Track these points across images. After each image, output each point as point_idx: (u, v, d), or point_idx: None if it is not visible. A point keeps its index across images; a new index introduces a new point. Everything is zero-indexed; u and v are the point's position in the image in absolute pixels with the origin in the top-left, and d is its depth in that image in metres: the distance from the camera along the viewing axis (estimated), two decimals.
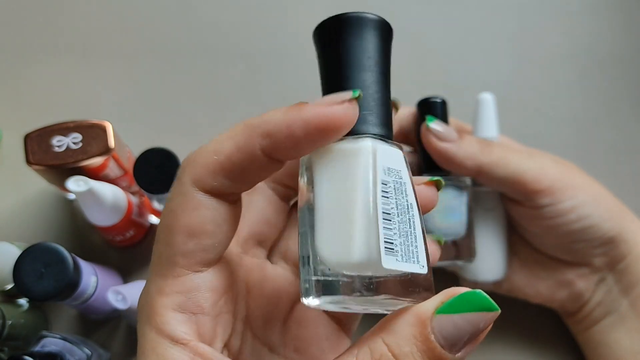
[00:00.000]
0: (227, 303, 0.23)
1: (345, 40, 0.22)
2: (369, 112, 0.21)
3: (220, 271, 0.23)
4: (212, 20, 0.53)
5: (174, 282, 0.22)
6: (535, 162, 0.38)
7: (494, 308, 0.20)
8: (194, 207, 0.21)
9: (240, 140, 0.21)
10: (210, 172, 0.21)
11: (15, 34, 0.53)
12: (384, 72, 0.22)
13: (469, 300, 0.19)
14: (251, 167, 0.21)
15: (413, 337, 0.19)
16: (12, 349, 0.41)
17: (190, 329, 0.22)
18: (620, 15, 0.54)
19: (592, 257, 0.40)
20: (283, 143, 0.20)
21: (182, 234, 0.21)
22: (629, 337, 0.39)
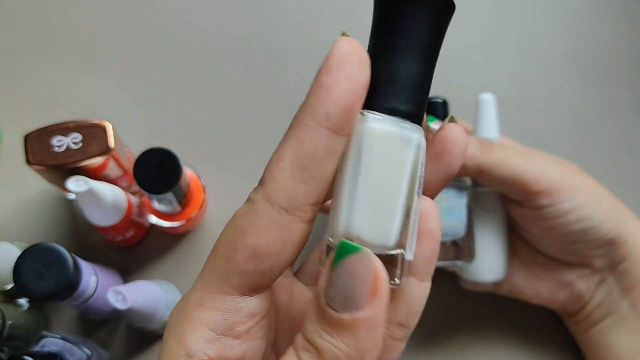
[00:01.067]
0: (261, 329, 0.22)
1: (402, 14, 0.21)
2: (416, 97, 0.21)
3: (265, 297, 0.22)
4: (212, 20, 0.53)
5: (218, 298, 0.21)
6: (535, 162, 0.38)
7: (355, 249, 0.18)
8: (265, 227, 0.20)
9: (293, 133, 0.20)
10: (281, 182, 0.20)
11: (16, 34, 0.53)
12: (431, 56, 0.21)
13: (337, 254, 0.19)
14: (317, 152, 0.20)
15: (312, 312, 0.19)
16: (12, 349, 0.41)
17: (213, 350, 0.21)
18: (620, 15, 0.54)
19: (593, 258, 0.40)
20: (329, 101, 0.20)
21: (246, 253, 0.20)
22: (629, 337, 0.39)
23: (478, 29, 0.54)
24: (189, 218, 0.44)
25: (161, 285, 0.43)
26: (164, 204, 0.42)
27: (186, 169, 0.43)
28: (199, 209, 0.44)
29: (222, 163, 0.49)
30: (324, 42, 0.55)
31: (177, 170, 0.39)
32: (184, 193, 0.42)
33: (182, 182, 0.40)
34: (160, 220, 0.44)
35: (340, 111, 0.20)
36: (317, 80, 0.20)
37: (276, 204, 0.20)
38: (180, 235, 0.48)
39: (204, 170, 0.46)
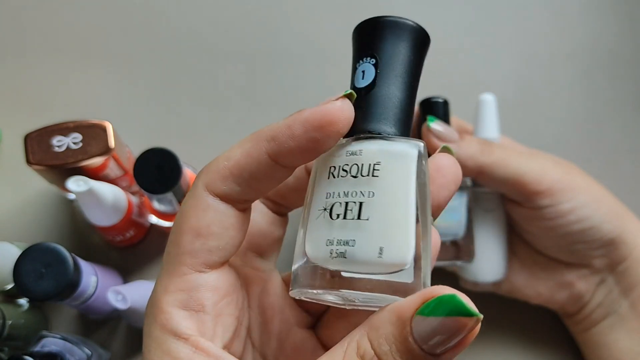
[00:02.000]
0: (228, 305, 0.24)
1: (380, 43, 0.22)
2: (401, 120, 0.22)
3: (223, 274, 0.24)
4: (212, 20, 0.53)
5: (178, 280, 0.23)
6: (535, 163, 0.38)
7: (471, 313, 0.19)
8: (203, 209, 0.23)
9: (248, 146, 0.22)
10: (221, 177, 0.22)
11: (16, 34, 0.53)
12: (413, 78, 0.22)
13: (446, 303, 0.19)
14: (259, 172, 0.22)
15: (393, 336, 0.20)
16: (12, 349, 0.41)
17: (193, 325, 0.22)
18: (620, 15, 0.54)
19: (592, 259, 0.40)
20: (286, 144, 0.21)
21: (190, 234, 0.23)
22: (628, 338, 0.39)
23: (478, 29, 0.54)
24: None
25: None
26: (164, 204, 0.42)
27: (186, 169, 0.43)
28: None
29: None
30: (324, 42, 0.55)
31: (177, 170, 0.39)
32: (184, 193, 0.42)
33: (182, 182, 0.40)
34: (160, 220, 0.44)
35: (291, 158, 0.22)
36: (292, 120, 0.21)
37: (212, 193, 0.23)
38: None
39: None
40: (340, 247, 0.20)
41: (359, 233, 0.20)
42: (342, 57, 0.53)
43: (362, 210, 0.20)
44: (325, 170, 0.22)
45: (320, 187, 0.22)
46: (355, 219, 0.20)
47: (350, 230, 0.20)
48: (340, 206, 0.21)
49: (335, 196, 0.21)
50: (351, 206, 0.20)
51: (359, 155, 0.21)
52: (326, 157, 0.22)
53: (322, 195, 0.21)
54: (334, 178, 0.21)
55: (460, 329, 0.19)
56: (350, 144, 0.21)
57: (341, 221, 0.20)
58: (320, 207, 0.21)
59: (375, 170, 0.20)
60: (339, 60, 0.52)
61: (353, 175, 0.21)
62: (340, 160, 0.21)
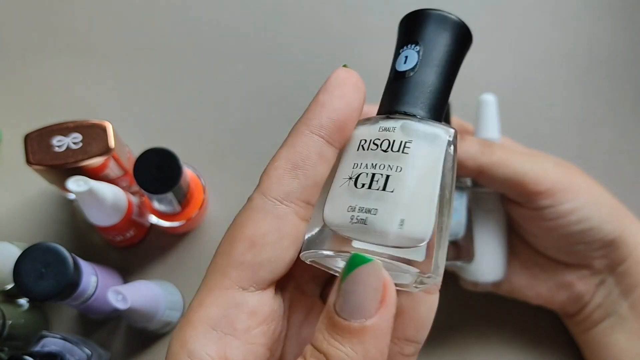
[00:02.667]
0: (263, 335, 0.22)
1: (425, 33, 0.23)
2: (435, 106, 0.23)
3: (266, 298, 0.22)
4: (212, 20, 0.53)
5: (217, 293, 0.21)
6: (536, 163, 0.38)
7: (365, 260, 0.19)
8: (261, 216, 0.21)
9: (289, 139, 0.22)
10: (275, 179, 0.22)
11: (16, 33, 0.53)
12: (452, 71, 0.24)
13: (349, 265, 0.19)
14: (309, 155, 0.22)
15: (322, 322, 0.20)
16: (12, 349, 0.41)
17: (216, 351, 0.21)
18: (620, 15, 0.54)
19: (593, 259, 0.40)
20: (321, 114, 0.22)
21: (243, 244, 0.21)
22: (628, 339, 0.39)
23: (478, 29, 0.54)
24: (189, 218, 0.44)
25: (161, 285, 0.43)
26: (164, 204, 0.42)
27: (186, 169, 0.43)
28: (199, 209, 0.44)
29: (222, 163, 0.49)
30: (324, 43, 0.55)
31: (177, 170, 0.39)
32: (184, 193, 0.42)
33: (182, 182, 0.40)
34: (160, 220, 0.44)
35: (332, 123, 0.22)
36: (314, 99, 0.22)
37: (270, 197, 0.22)
38: (180, 235, 0.48)
39: (204, 170, 0.46)
40: (361, 214, 0.20)
41: (382, 203, 0.20)
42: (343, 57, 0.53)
43: (387, 183, 0.21)
44: (355, 143, 0.22)
45: (348, 157, 0.22)
46: (380, 189, 0.21)
47: (373, 199, 0.21)
48: (366, 177, 0.21)
49: (362, 167, 0.21)
50: (377, 178, 0.21)
51: (392, 132, 0.21)
52: (358, 131, 0.22)
53: (348, 165, 0.22)
54: (364, 150, 0.22)
55: (363, 280, 0.19)
56: (384, 120, 0.22)
57: (365, 190, 0.21)
58: (345, 175, 0.22)
59: (406, 147, 0.21)
60: (339, 60, 0.52)
61: (383, 149, 0.21)
62: (372, 134, 0.22)
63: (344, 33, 0.53)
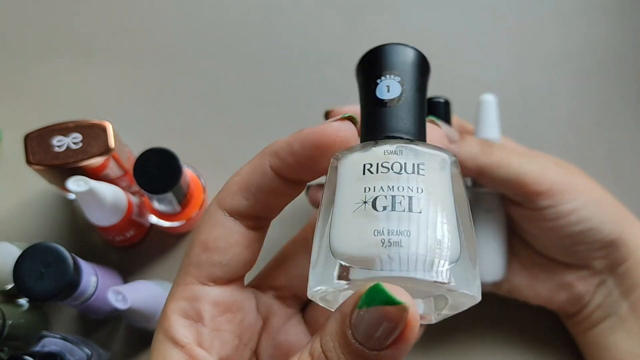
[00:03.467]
0: (229, 322, 0.25)
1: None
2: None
3: (228, 291, 0.25)
4: (212, 20, 0.53)
5: (183, 288, 0.24)
6: (536, 164, 0.38)
7: (393, 301, 0.18)
8: (212, 224, 0.24)
9: (254, 161, 0.24)
10: (230, 193, 0.24)
11: (16, 34, 0.53)
12: (425, 98, 0.25)
13: (372, 293, 0.19)
14: (264, 186, 0.23)
15: (335, 332, 0.20)
16: (12, 349, 0.41)
17: (191, 334, 0.23)
18: (620, 15, 0.54)
19: (593, 260, 0.40)
20: (286, 159, 0.23)
21: (198, 247, 0.24)
22: (628, 339, 0.39)
23: (478, 29, 0.54)
24: (189, 218, 0.44)
25: (161, 285, 0.43)
26: (164, 204, 0.42)
27: (186, 169, 0.43)
28: (199, 209, 0.44)
29: (222, 163, 0.49)
30: (324, 42, 0.55)
31: (177, 170, 0.39)
32: (184, 193, 0.42)
33: (182, 182, 0.40)
34: (160, 220, 0.44)
35: (291, 172, 0.23)
36: (292, 137, 0.23)
37: (222, 208, 0.24)
38: (180, 235, 0.48)
39: (204, 170, 0.46)
40: (393, 237, 0.19)
41: (413, 224, 0.19)
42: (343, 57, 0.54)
43: (412, 204, 0.20)
44: (356, 168, 0.21)
45: (351, 183, 0.21)
46: (407, 211, 0.20)
47: (402, 221, 0.20)
48: (385, 199, 0.20)
49: (377, 190, 0.20)
50: (399, 199, 0.20)
51: (400, 155, 0.21)
52: (354, 157, 0.22)
53: (357, 190, 0.21)
54: (372, 174, 0.21)
55: (385, 318, 0.19)
56: (383, 144, 0.21)
57: (389, 212, 0.20)
58: (356, 200, 0.20)
59: (420, 169, 0.21)
60: (339, 60, 0.52)
61: (396, 172, 0.20)
62: (377, 157, 0.21)
63: (344, 33, 0.53)
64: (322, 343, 0.20)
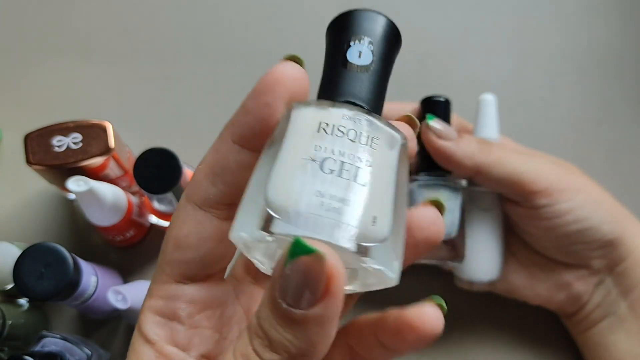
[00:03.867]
0: (208, 319, 0.24)
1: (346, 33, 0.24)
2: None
3: (205, 288, 0.24)
4: (212, 20, 0.53)
5: (159, 287, 0.23)
6: (534, 163, 0.38)
7: (309, 250, 0.18)
8: (183, 219, 0.23)
9: (215, 143, 0.22)
10: (196, 182, 0.22)
11: (16, 34, 0.53)
12: (390, 71, 0.24)
13: (293, 249, 0.18)
14: (230, 163, 0.22)
15: (267, 299, 0.19)
16: (12, 349, 0.41)
17: (164, 332, 0.23)
18: (620, 15, 0.54)
19: (591, 260, 0.40)
20: (243, 121, 0.21)
21: (170, 244, 0.23)
22: (627, 339, 0.39)
23: (478, 29, 0.54)
24: None
25: None
26: (164, 204, 0.42)
27: (186, 169, 0.43)
28: None
29: None
30: (323, 42, 0.55)
31: (177, 170, 0.39)
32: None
33: (182, 182, 0.40)
34: (160, 220, 0.44)
35: (254, 133, 0.21)
36: (243, 102, 0.21)
37: (192, 201, 0.23)
38: None
39: None
40: (334, 202, 0.19)
41: (355, 195, 0.19)
42: None
43: (358, 175, 0.20)
44: (312, 123, 0.21)
45: (303, 136, 0.21)
46: (352, 180, 0.20)
47: (345, 189, 0.19)
48: (334, 162, 0.20)
49: (328, 151, 0.20)
50: (347, 167, 0.20)
51: (358, 123, 0.21)
52: (309, 111, 0.21)
53: (307, 145, 0.20)
54: (326, 134, 0.20)
55: (304, 270, 0.18)
56: (346, 107, 0.21)
57: (335, 177, 0.20)
58: (305, 156, 0.20)
59: (374, 143, 0.21)
60: None
61: (350, 139, 0.20)
62: (335, 119, 0.21)
63: None
64: (257, 314, 0.20)
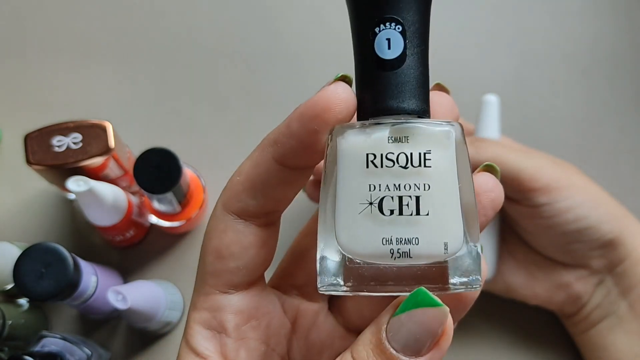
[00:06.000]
0: (254, 329, 0.24)
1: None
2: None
3: (249, 296, 0.24)
4: (212, 20, 0.53)
5: (203, 299, 0.23)
6: (532, 161, 0.38)
7: (435, 304, 0.18)
8: (222, 230, 0.23)
9: (255, 156, 0.22)
10: (235, 194, 0.22)
11: (16, 33, 0.53)
12: (427, 46, 0.21)
13: (412, 298, 0.19)
14: (270, 180, 0.22)
15: (370, 342, 0.19)
16: (12, 349, 0.41)
17: (213, 346, 0.23)
18: (620, 15, 0.54)
19: (590, 259, 0.40)
20: (288, 144, 0.21)
21: (211, 255, 0.23)
22: (627, 339, 0.39)
23: (478, 29, 0.54)
24: (189, 218, 0.44)
25: (161, 285, 0.43)
26: (164, 204, 0.42)
27: (186, 169, 0.43)
28: (199, 209, 0.44)
29: (222, 163, 0.49)
30: (324, 42, 0.55)
31: (177, 170, 0.39)
32: (184, 193, 0.42)
33: (182, 182, 0.40)
34: (160, 220, 0.44)
35: (296, 156, 0.21)
36: (289, 118, 0.21)
37: (229, 211, 0.23)
38: (180, 235, 0.48)
39: (204, 170, 0.46)
40: (402, 247, 0.19)
41: (421, 230, 0.19)
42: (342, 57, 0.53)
43: (420, 205, 0.19)
44: (359, 158, 0.20)
45: (355, 176, 0.20)
46: (414, 214, 0.19)
47: (410, 227, 0.19)
48: (392, 200, 0.19)
49: (382, 189, 0.19)
50: (406, 200, 0.19)
51: (405, 143, 0.19)
52: (355, 140, 0.20)
53: (361, 187, 0.19)
54: (376, 168, 0.19)
55: (426, 321, 0.19)
56: (389, 127, 0.19)
57: (396, 217, 0.19)
58: (361, 200, 0.19)
59: (427, 159, 0.19)
60: (339, 60, 0.52)
61: (402, 165, 0.19)
62: (381, 147, 0.19)
63: (344, 33, 0.53)
64: (354, 354, 0.20)
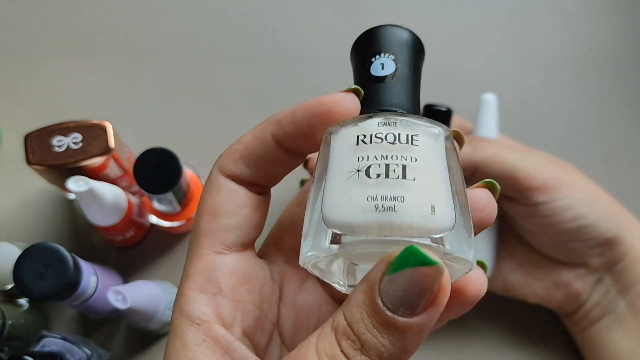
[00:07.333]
0: (249, 293, 0.24)
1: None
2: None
3: (244, 259, 0.24)
4: (212, 20, 0.53)
5: (197, 262, 0.23)
6: (530, 160, 0.38)
7: (430, 261, 0.18)
8: (216, 189, 0.24)
9: (257, 130, 0.24)
10: (232, 159, 0.24)
11: (16, 34, 0.53)
12: (419, 80, 0.25)
13: (406, 257, 0.18)
14: (265, 155, 0.23)
15: (363, 303, 0.19)
16: (12, 349, 0.41)
17: (210, 309, 0.23)
18: (620, 15, 0.54)
19: (589, 258, 0.40)
20: (287, 128, 0.23)
21: (206, 214, 0.23)
22: (626, 337, 0.39)
23: (478, 29, 0.54)
24: (189, 218, 0.44)
25: (161, 285, 0.43)
26: (164, 204, 0.42)
27: (186, 169, 0.43)
28: None
29: None
30: (324, 43, 0.55)
31: (177, 170, 0.39)
32: (184, 193, 0.42)
33: (182, 182, 0.40)
34: (160, 220, 0.44)
35: (291, 141, 0.23)
36: (299, 106, 0.23)
37: (224, 174, 0.24)
38: (180, 235, 0.48)
39: (204, 170, 0.46)
40: (387, 202, 0.19)
41: (407, 191, 0.20)
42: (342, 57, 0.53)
43: (406, 172, 0.20)
44: (351, 139, 0.21)
45: (345, 153, 0.21)
46: (400, 178, 0.20)
47: (395, 188, 0.20)
48: (379, 167, 0.20)
49: (370, 159, 0.20)
50: (393, 167, 0.20)
51: (393, 126, 0.21)
52: (346, 130, 0.22)
53: (350, 160, 0.21)
54: (366, 144, 0.21)
55: (420, 279, 0.18)
56: (379, 116, 0.22)
57: (382, 180, 0.20)
58: (350, 169, 0.21)
59: (414, 140, 0.21)
60: (339, 60, 0.52)
61: (390, 142, 0.21)
62: (371, 129, 0.21)
63: (344, 33, 0.53)
64: (346, 316, 0.19)
